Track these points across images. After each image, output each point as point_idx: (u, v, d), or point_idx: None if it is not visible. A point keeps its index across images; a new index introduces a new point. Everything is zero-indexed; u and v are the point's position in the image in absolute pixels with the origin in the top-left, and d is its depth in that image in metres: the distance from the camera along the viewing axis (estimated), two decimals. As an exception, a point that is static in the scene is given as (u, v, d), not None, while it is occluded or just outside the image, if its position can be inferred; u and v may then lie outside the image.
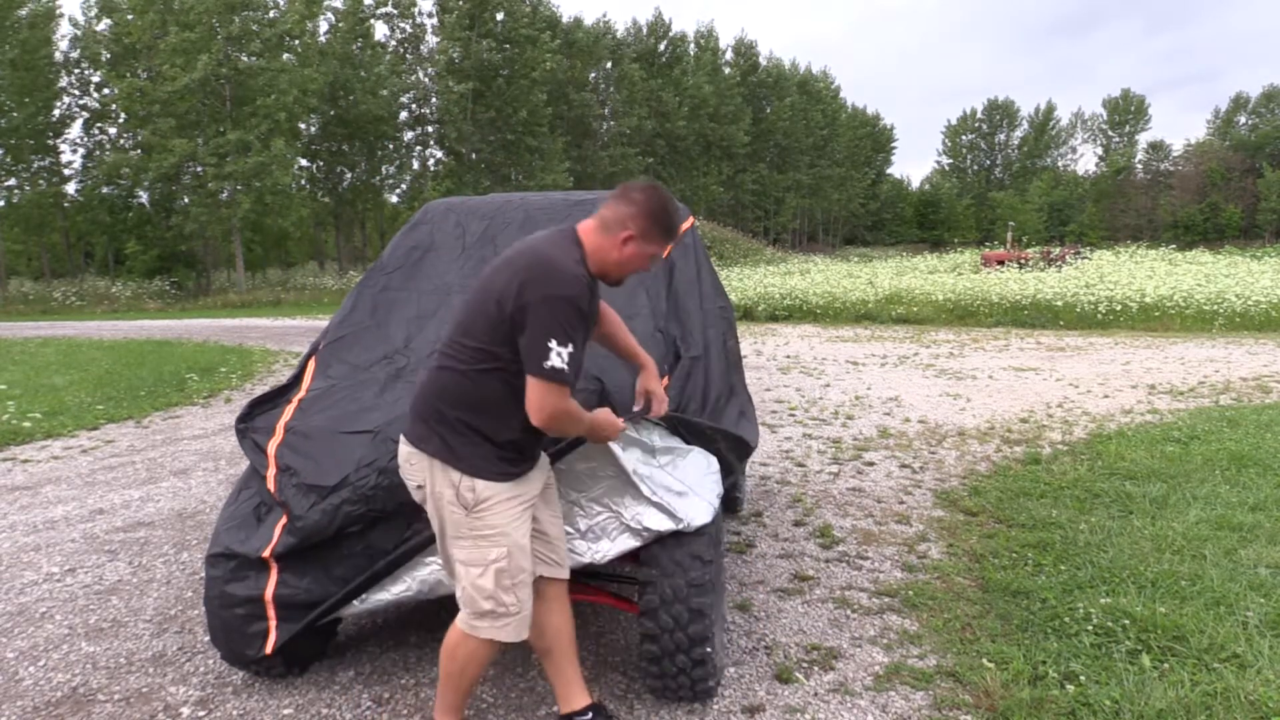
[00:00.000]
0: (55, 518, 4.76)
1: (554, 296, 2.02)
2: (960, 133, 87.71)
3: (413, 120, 41.93)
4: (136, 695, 2.79)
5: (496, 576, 2.16)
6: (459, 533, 2.18)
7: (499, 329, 2.08)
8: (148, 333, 17.37)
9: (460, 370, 2.14)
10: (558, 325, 2.01)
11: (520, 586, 2.20)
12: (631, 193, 2.18)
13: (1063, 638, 3.00)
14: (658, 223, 2.17)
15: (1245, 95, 77.07)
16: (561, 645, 2.41)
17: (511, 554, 2.18)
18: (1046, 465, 5.46)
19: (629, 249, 2.16)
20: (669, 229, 2.20)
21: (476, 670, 2.29)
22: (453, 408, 2.16)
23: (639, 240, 2.16)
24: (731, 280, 23.01)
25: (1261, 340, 12.76)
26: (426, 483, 2.20)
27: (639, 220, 2.15)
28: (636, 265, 2.21)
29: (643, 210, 2.15)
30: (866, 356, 11.49)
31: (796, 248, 61.71)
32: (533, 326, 2.02)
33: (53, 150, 33.54)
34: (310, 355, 3.21)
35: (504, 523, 2.17)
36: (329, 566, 2.58)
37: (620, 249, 2.16)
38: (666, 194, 2.22)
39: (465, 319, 2.17)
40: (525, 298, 2.03)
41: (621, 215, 2.15)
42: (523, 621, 2.23)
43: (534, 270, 2.06)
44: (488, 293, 2.12)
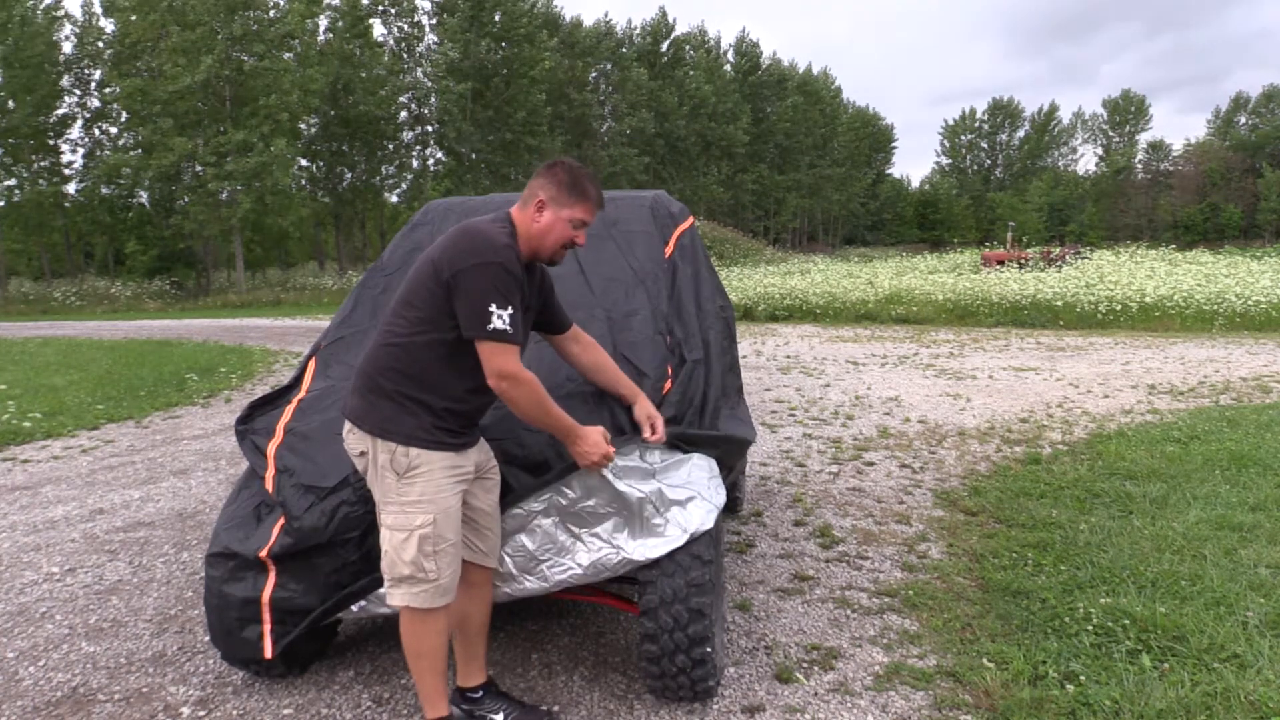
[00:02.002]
0: (55, 518, 4.76)
1: (485, 263, 2.14)
2: (959, 132, 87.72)
3: (412, 120, 41.94)
4: (136, 695, 2.79)
5: (419, 542, 2.21)
6: (389, 498, 2.25)
7: (435, 296, 2.19)
8: (148, 333, 17.37)
9: (399, 343, 2.24)
10: (494, 289, 2.13)
11: (441, 555, 2.24)
12: (542, 167, 2.33)
13: (1063, 638, 3.00)
14: (561, 184, 2.27)
15: (1245, 95, 77.17)
16: (474, 628, 2.49)
17: (437, 521, 2.22)
18: (1046, 465, 5.46)
19: (544, 215, 2.28)
20: (578, 189, 2.28)
21: (430, 643, 2.30)
22: (391, 380, 2.25)
23: (550, 206, 2.27)
24: (731, 280, 23.01)
25: (1261, 340, 12.76)
26: (369, 450, 2.27)
27: (546, 187, 2.28)
28: (559, 233, 2.29)
29: (549, 177, 2.29)
30: (866, 356, 11.49)
31: (796, 248, 61.72)
32: (469, 293, 2.14)
33: (53, 150, 33.56)
34: (310, 356, 3.21)
35: (433, 491, 2.23)
36: (325, 572, 2.57)
37: (536, 218, 2.28)
38: (573, 162, 2.33)
39: (405, 292, 2.29)
40: (458, 264, 2.15)
41: (533, 187, 2.31)
42: (439, 590, 2.25)
43: (464, 240, 2.20)
44: (425, 264, 2.25)
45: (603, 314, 3.04)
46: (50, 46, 31.45)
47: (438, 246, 2.25)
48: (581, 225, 2.32)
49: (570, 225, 2.29)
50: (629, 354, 2.89)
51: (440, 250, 2.22)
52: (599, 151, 48.92)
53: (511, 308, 2.14)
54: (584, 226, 2.33)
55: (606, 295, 3.12)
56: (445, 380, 2.24)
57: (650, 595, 2.52)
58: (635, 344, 2.91)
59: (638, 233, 3.36)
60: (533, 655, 3.00)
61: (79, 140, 34.89)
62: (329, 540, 2.53)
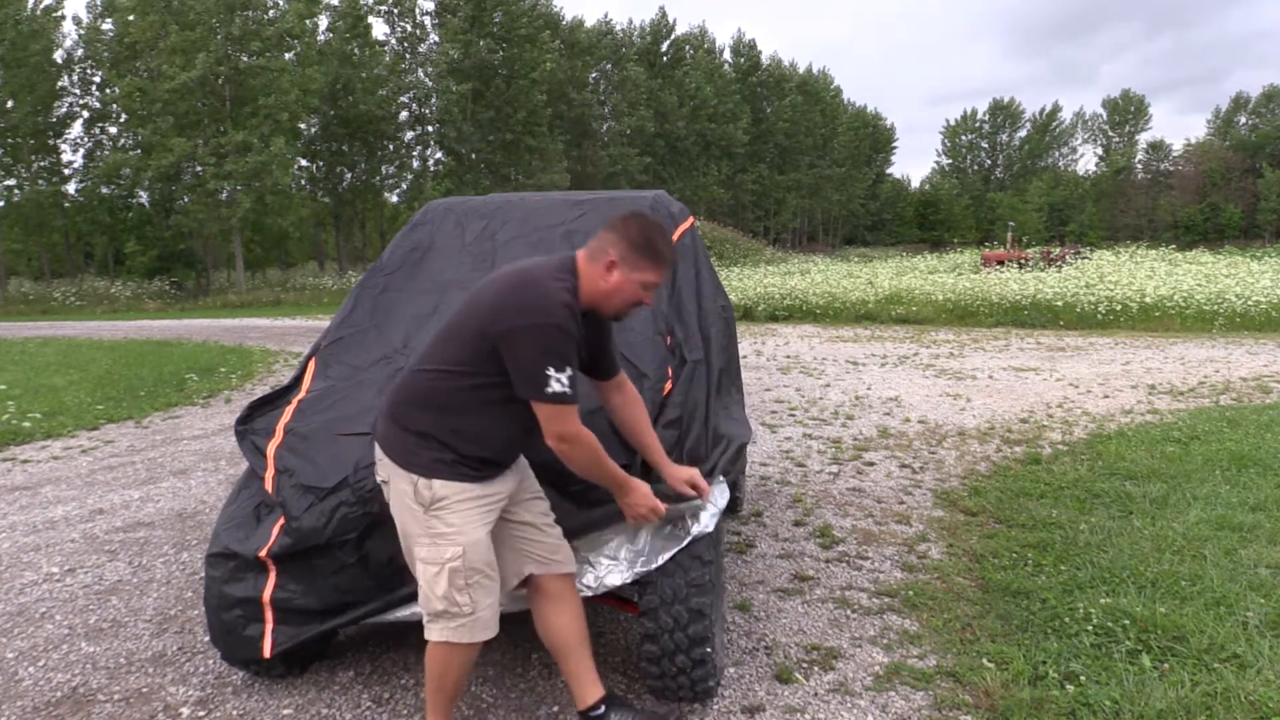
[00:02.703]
0: (55, 518, 4.76)
1: (541, 325, 2.04)
2: (959, 133, 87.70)
3: (413, 120, 41.94)
4: (136, 695, 2.79)
5: (450, 576, 2.14)
6: (417, 530, 2.18)
7: (481, 346, 2.10)
8: (147, 333, 17.37)
9: (437, 383, 2.16)
10: (552, 352, 2.04)
11: (476, 588, 2.16)
12: (615, 220, 2.20)
13: (1063, 638, 3.00)
14: (637, 246, 2.15)
15: (1245, 95, 77.13)
16: (569, 643, 2.36)
17: (467, 553, 2.14)
18: (1046, 465, 5.46)
19: (614, 276, 2.15)
20: (652, 251, 2.16)
21: (455, 676, 2.24)
22: (422, 414, 2.17)
23: (621, 266, 2.15)
24: (731, 280, 23.01)
25: (1261, 340, 12.76)
26: (389, 479, 2.22)
27: (619, 245, 2.15)
28: (628, 294, 2.18)
29: (622, 234, 2.16)
30: (866, 356, 11.49)
31: (796, 248, 61.71)
32: (524, 355, 2.04)
33: (53, 150, 33.55)
34: (310, 356, 3.20)
35: (461, 522, 2.15)
36: (324, 575, 2.57)
37: (606, 276, 2.16)
38: (651, 219, 2.20)
39: (450, 331, 2.20)
40: (510, 322, 2.05)
41: (605, 242, 2.17)
42: (478, 624, 2.18)
43: (521, 294, 2.09)
44: (474, 308, 2.15)
45: (602, 314, 3.05)
46: (49, 46, 31.44)
47: (490, 292, 2.14)
48: (651, 287, 2.21)
49: (640, 287, 2.18)
50: (629, 354, 2.88)
51: (493, 299, 2.11)
52: (599, 151, 48.92)
53: (570, 368, 2.05)
54: (654, 288, 2.22)
55: None
56: (481, 427, 2.16)
57: (650, 595, 2.52)
58: (635, 344, 2.91)
59: (638, 233, 3.35)
60: (533, 655, 3.00)
61: (79, 140, 34.92)
62: (328, 541, 2.53)
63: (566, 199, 3.65)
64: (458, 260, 3.43)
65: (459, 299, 3.22)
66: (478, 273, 3.34)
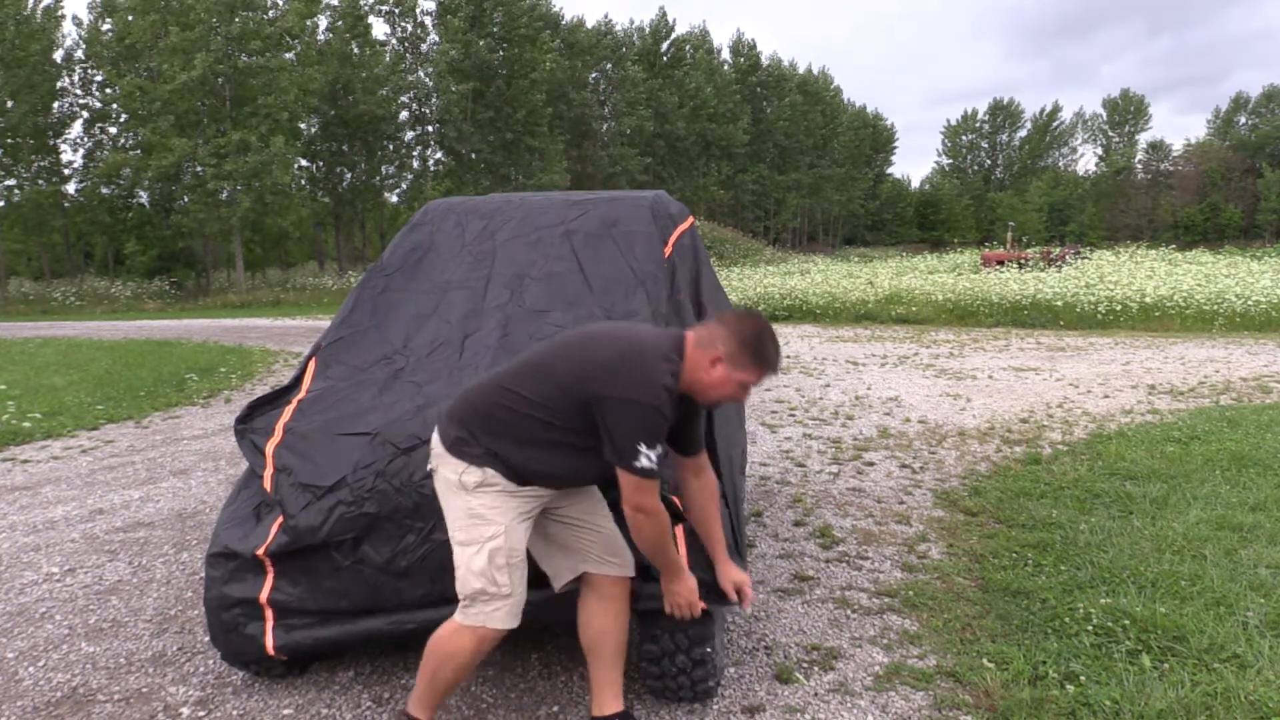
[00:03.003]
0: (55, 518, 4.76)
1: (639, 403, 2.08)
2: (960, 133, 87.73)
3: (413, 120, 41.95)
4: (136, 695, 2.79)
5: (490, 555, 2.17)
6: (458, 513, 2.22)
7: (569, 396, 2.14)
8: (147, 333, 17.37)
9: (513, 406, 2.20)
10: (646, 431, 2.08)
11: (514, 569, 2.19)
12: (728, 317, 2.22)
13: (1063, 638, 3.00)
14: (746, 347, 2.16)
15: (1245, 95, 77.16)
16: (605, 648, 2.37)
17: (509, 532, 2.18)
18: (1046, 465, 5.46)
19: (717, 370, 2.17)
20: (760, 356, 2.18)
21: (458, 666, 2.24)
22: (490, 435, 2.21)
23: (726, 362, 2.16)
24: (731, 280, 23.01)
25: (1261, 340, 12.76)
26: (439, 467, 2.26)
27: (729, 342, 2.16)
28: (726, 390, 2.19)
29: (733, 332, 2.17)
30: (866, 356, 11.49)
31: (796, 248, 61.73)
32: (618, 426, 2.09)
33: (53, 150, 33.55)
34: (311, 356, 3.20)
35: (502, 502, 2.20)
36: (321, 576, 2.57)
37: (709, 369, 2.17)
38: (763, 322, 2.21)
39: (539, 365, 2.22)
40: (610, 391, 2.09)
41: (715, 334, 2.19)
42: (514, 607, 2.21)
43: (627, 366, 2.11)
44: (573, 356, 2.18)
45: (603, 314, 3.04)
46: (49, 46, 31.44)
47: (596, 350, 2.17)
48: (749, 387, 2.23)
49: (739, 386, 2.20)
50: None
51: (597, 359, 2.14)
52: (599, 151, 48.93)
53: (660, 445, 2.09)
54: (750, 389, 2.25)
55: (606, 295, 3.12)
56: (545, 465, 2.20)
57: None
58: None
59: (638, 233, 3.35)
60: (532, 655, 3.00)
61: (79, 140, 34.93)
62: (325, 540, 2.53)
63: (566, 199, 3.65)
64: (458, 260, 3.43)
65: (459, 299, 3.24)
66: (478, 272, 3.34)
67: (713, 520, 2.44)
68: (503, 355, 2.96)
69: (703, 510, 2.43)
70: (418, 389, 2.87)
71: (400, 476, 2.54)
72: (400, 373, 2.99)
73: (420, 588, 2.51)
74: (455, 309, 3.20)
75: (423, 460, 2.56)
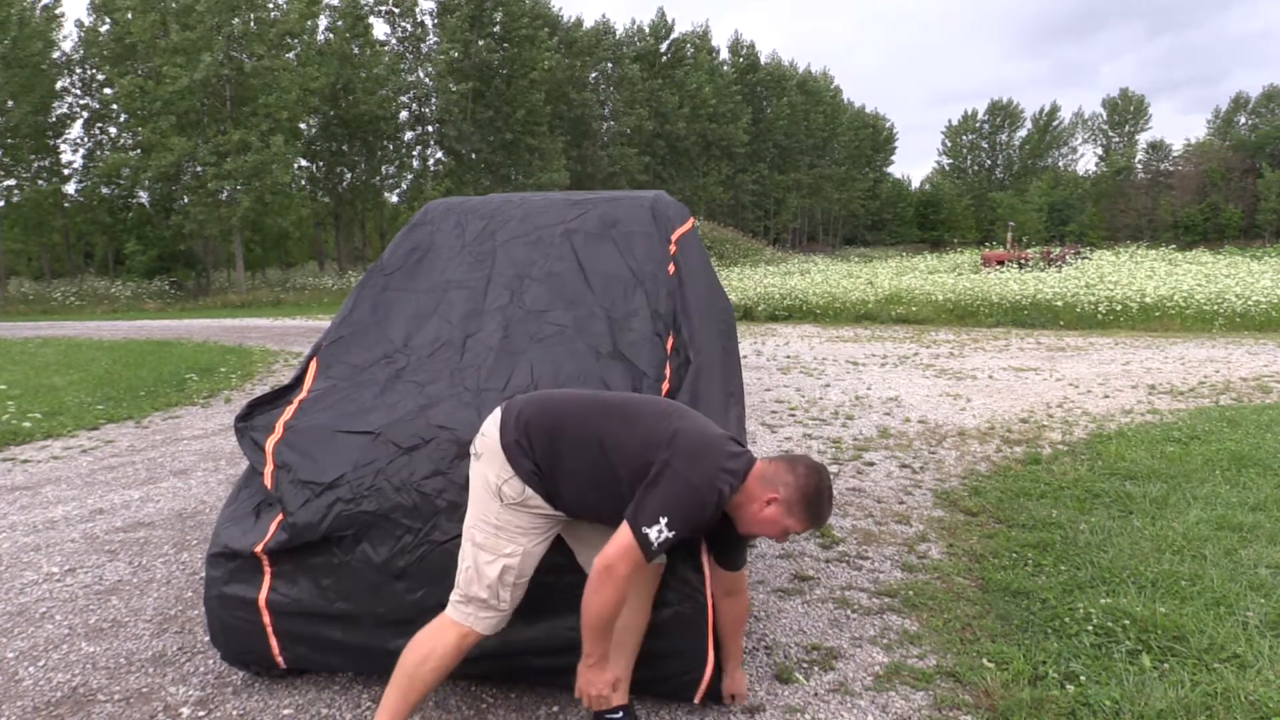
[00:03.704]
0: (55, 518, 4.76)
1: (692, 486, 2.11)
2: (961, 133, 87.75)
3: (413, 120, 41.95)
4: (136, 695, 2.79)
5: (502, 571, 2.21)
6: (485, 518, 2.23)
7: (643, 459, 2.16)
8: (147, 333, 17.37)
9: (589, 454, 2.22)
10: (680, 511, 2.09)
11: (517, 589, 2.25)
12: (798, 465, 2.24)
13: (1063, 638, 3.00)
14: (804, 500, 2.20)
15: (1245, 95, 77.17)
16: (620, 641, 2.37)
17: (525, 555, 2.23)
18: (1046, 465, 5.46)
19: (769, 510, 2.21)
20: (814, 512, 2.22)
21: (437, 663, 2.22)
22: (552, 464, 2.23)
23: (780, 506, 2.21)
24: (731, 280, 23.01)
25: (1261, 340, 12.76)
26: (485, 458, 2.27)
27: (790, 490, 2.20)
28: (769, 530, 2.24)
29: (798, 484, 2.21)
30: (866, 356, 11.49)
31: (796, 248, 61.74)
32: (661, 490, 2.10)
33: (53, 150, 33.55)
34: (312, 356, 3.20)
35: (528, 525, 2.23)
36: (318, 576, 2.57)
37: (762, 505, 2.21)
38: (827, 482, 2.25)
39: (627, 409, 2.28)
40: (676, 462, 2.12)
41: (779, 477, 2.22)
42: (502, 620, 2.26)
43: (703, 451, 2.17)
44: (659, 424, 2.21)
45: (602, 314, 3.05)
46: (49, 46, 31.44)
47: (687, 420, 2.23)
48: (790, 533, 2.27)
49: (783, 532, 2.25)
50: (629, 354, 2.89)
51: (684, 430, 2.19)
52: (598, 151, 48.93)
53: (676, 533, 2.09)
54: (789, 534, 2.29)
55: (606, 295, 3.12)
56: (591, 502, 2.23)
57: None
58: (635, 344, 2.92)
59: (638, 233, 3.36)
60: (533, 655, 3.00)
61: (79, 140, 34.94)
62: (324, 537, 2.53)
63: (566, 199, 3.66)
64: (458, 260, 3.43)
65: (459, 298, 3.24)
66: (478, 272, 3.34)
67: (734, 639, 2.53)
68: (504, 356, 2.96)
69: (726, 628, 2.49)
70: (419, 389, 2.87)
71: (400, 476, 2.54)
72: (401, 372, 2.99)
73: (418, 589, 2.50)
74: (456, 309, 3.20)
75: (423, 460, 2.56)
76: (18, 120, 29.97)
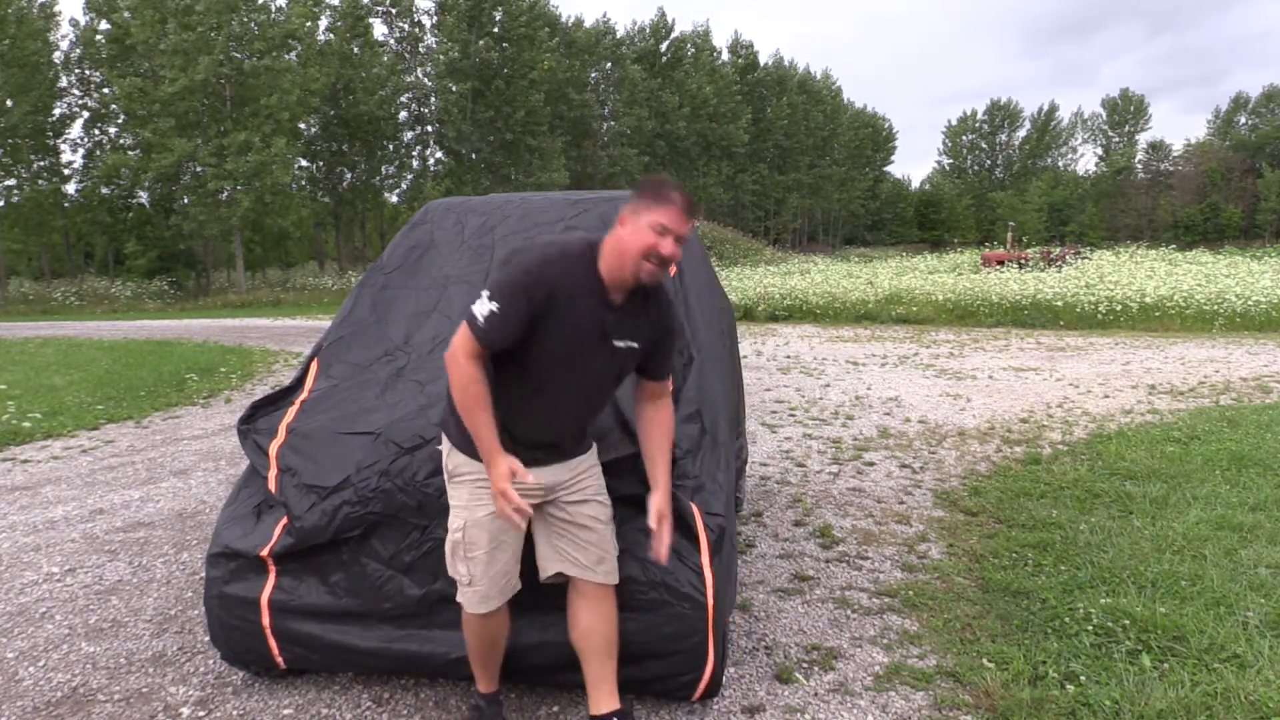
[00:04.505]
0: (55, 518, 4.76)
1: (511, 261, 2.18)
2: (961, 133, 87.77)
3: (412, 120, 41.96)
4: (136, 695, 2.79)
5: (453, 546, 2.29)
6: (449, 498, 2.33)
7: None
8: (147, 333, 17.37)
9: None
10: (499, 283, 2.12)
11: (473, 563, 2.26)
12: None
13: (1063, 638, 3.00)
14: (644, 193, 2.14)
15: (1245, 95, 77.18)
16: (593, 645, 2.35)
17: (466, 528, 2.26)
18: (1046, 465, 5.46)
19: (625, 227, 2.14)
20: (657, 192, 2.12)
21: (474, 643, 2.38)
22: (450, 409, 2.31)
23: (630, 217, 2.13)
24: (731, 280, 23.02)
25: (1261, 340, 12.76)
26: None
27: (629, 203, 2.17)
28: (640, 240, 2.09)
29: (633, 193, 2.20)
30: (866, 356, 11.49)
31: (797, 248, 61.77)
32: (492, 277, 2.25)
33: (53, 150, 33.56)
34: (313, 356, 3.20)
35: (466, 497, 2.27)
36: (325, 574, 2.57)
37: (619, 233, 2.15)
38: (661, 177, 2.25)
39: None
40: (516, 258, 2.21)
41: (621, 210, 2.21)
42: (477, 595, 2.28)
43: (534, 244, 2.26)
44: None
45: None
46: (48, 45, 31.43)
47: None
48: (666, 232, 2.09)
49: (650, 229, 2.08)
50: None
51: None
52: (598, 151, 48.93)
53: (499, 306, 2.06)
54: (669, 234, 2.09)
55: None
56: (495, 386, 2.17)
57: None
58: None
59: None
60: (533, 655, 3.00)
61: (79, 140, 34.93)
62: (330, 540, 2.54)
63: (566, 198, 3.66)
64: (457, 258, 3.43)
65: (459, 295, 3.24)
66: (477, 269, 3.35)
67: (660, 451, 2.38)
68: None
69: (650, 438, 2.39)
70: (420, 388, 2.87)
71: (404, 476, 2.55)
72: (402, 371, 3.00)
73: (423, 586, 2.51)
74: (455, 305, 3.20)
75: (425, 459, 2.57)
76: (17, 120, 29.97)
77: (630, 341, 2.23)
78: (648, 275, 2.14)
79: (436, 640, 2.53)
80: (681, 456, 2.60)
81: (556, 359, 2.16)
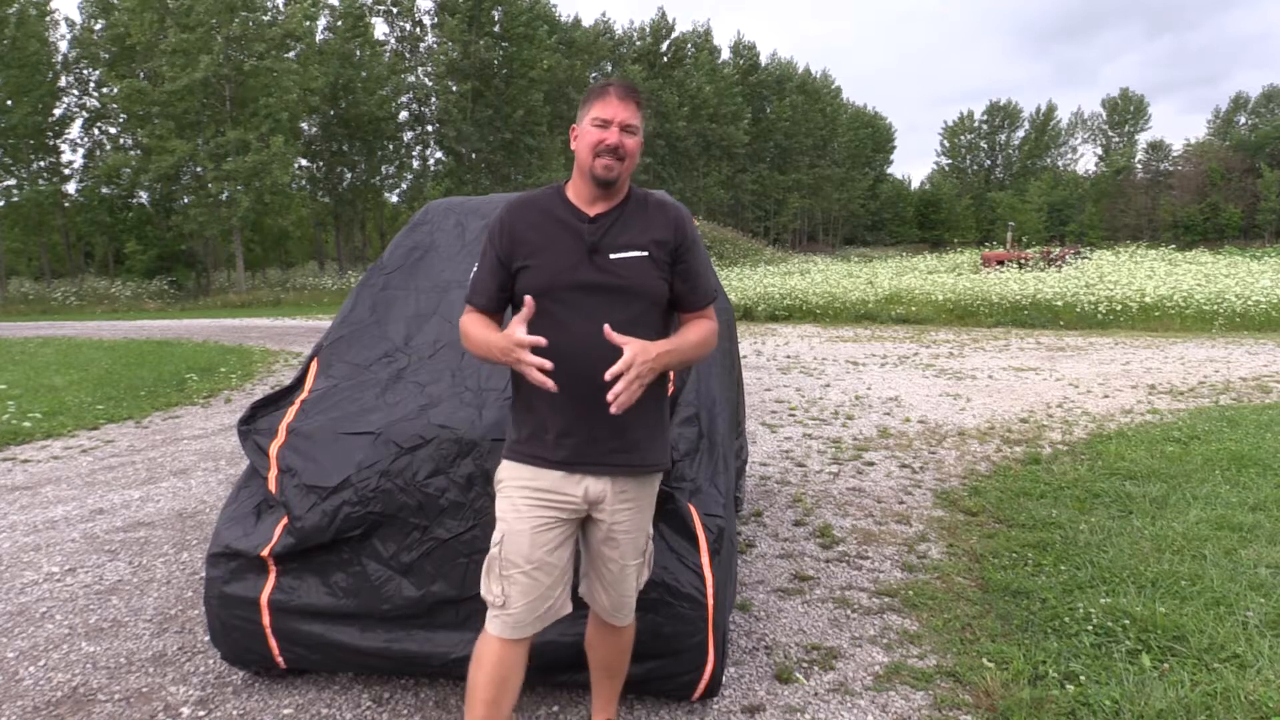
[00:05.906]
0: (55, 518, 4.76)
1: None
2: (958, 133, 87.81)
3: (412, 120, 41.96)
4: (136, 695, 2.79)
5: (489, 562, 2.07)
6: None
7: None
8: (147, 333, 17.37)
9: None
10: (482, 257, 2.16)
11: (510, 582, 2.03)
12: None
13: (1063, 638, 3.00)
14: (585, 99, 2.12)
15: (1245, 95, 77.29)
16: (608, 665, 2.35)
17: (505, 542, 2.04)
18: (1046, 465, 5.46)
19: (575, 137, 2.11)
20: (590, 93, 2.10)
21: (478, 676, 2.06)
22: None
23: (575, 127, 2.13)
24: (731, 280, 23.02)
25: (1261, 340, 12.76)
26: None
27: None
28: (588, 139, 2.04)
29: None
30: (866, 356, 11.49)
31: (796, 248, 61.77)
32: None
33: (53, 150, 33.56)
34: (313, 356, 3.20)
35: (507, 507, 2.06)
36: (325, 574, 2.58)
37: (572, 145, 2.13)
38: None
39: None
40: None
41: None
42: (509, 622, 2.04)
43: None
44: None
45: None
46: (46, 46, 31.42)
47: None
48: (605, 124, 2.03)
49: (592, 125, 2.04)
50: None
51: None
52: (599, 151, 48.87)
53: (478, 263, 2.16)
54: (609, 125, 2.03)
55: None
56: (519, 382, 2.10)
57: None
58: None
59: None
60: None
61: (79, 140, 34.93)
62: (330, 540, 2.54)
63: None
64: (458, 259, 3.43)
65: (460, 297, 3.23)
66: None
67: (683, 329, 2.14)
68: None
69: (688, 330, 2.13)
70: (420, 389, 2.87)
71: (404, 476, 2.55)
72: (403, 372, 2.99)
73: (422, 587, 2.51)
74: (456, 309, 3.20)
75: (425, 459, 2.57)
76: (17, 120, 29.97)
77: (632, 251, 2.05)
78: (602, 170, 2.04)
79: (437, 640, 2.53)
80: (680, 459, 2.60)
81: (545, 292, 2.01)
